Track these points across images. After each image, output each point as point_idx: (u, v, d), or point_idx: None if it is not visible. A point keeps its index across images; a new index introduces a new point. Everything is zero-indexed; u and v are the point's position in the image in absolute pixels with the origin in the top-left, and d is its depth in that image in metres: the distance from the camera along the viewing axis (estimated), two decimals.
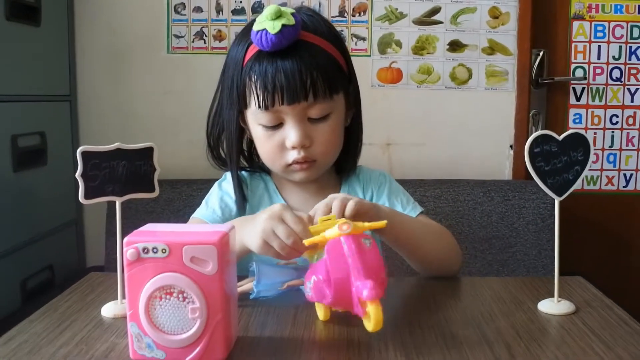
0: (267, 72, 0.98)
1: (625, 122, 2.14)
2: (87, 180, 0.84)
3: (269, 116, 1.01)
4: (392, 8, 2.04)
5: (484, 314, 0.88)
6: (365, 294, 0.69)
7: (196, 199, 1.74)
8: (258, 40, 0.96)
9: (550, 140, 0.86)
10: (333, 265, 0.74)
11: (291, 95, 0.98)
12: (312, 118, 1.02)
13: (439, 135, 2.09)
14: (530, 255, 1.87)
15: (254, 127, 1.05)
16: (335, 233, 0.75)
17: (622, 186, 2.16)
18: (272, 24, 0.94)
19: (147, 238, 0.70)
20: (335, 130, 1.06)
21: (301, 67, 0.97)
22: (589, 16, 2.10)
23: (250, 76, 1.00)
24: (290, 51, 0.97)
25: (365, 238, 0.75)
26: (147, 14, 2.05)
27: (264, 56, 0.98)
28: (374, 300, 0.70)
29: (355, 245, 0.73)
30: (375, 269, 0.73)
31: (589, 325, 0.84)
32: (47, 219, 1.86)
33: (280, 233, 0.83)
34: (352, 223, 0.75)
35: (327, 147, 1.05)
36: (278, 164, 1.06)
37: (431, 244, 1.06)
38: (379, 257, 0.75)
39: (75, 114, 2.05)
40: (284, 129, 1.02)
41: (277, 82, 0.97)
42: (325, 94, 1.00)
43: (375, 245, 0.76)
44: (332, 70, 1.02)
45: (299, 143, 1.01)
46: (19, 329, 0.83)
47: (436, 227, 1.10)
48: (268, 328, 0.83)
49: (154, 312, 0.71)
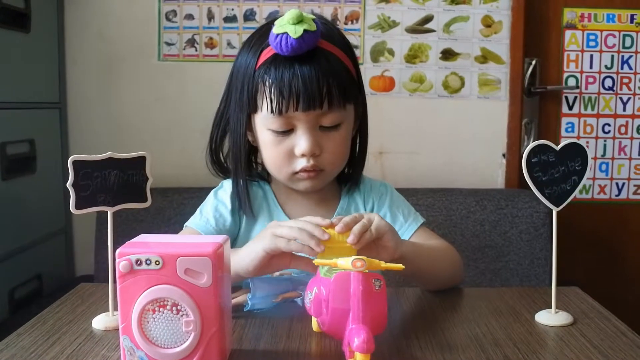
0: (284, 76, 0.96)
1: (617, 131, 2.14)
2: (79, 190, 0.83)
3: (280, 121, 0.99)
4: (384, 16, 2.04)
5: (481, 326, 0.87)
6: (356, 344, 0.67)
7: (187, 207, 1.72)
8: (277, 44, 0.95)
9: (548, 150, 0.86)
10: (335, 295, 0.72)
11: (307, 102, 0.96)
12: (323, 126, 1.01)
13: (431, 143, 2.09)
14: (523, 264, 1.86)
15: (262, 132, 1.03)
16: (347, 266, 0.71)
17: (615, 195, 2.16)
18: (294, 29, 0.93)
19: (140, 249, 0.69)
20: (345, 141, 1.05)
21: (319, 74, 0.96)
22: (581, 25, 2.10)
23: (264, 80, 0.98)
24: (307, 57, 0.96)
25: (376, 279, 0.72)
26: (138, 21, 2.03)
27: (280, 60, 0.97)
28: (364, 353, 0.67)
29: (364, 287, 0.70)
30: (377, 315, 0.71)
31: (588, 337, 0.83)
32: (35, 227, 1.83)
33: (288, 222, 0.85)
34: (368, 261, 0.71)
35: (336, 156, 1.05)
36: (285, 171, 1.04)
37: (441, 269, 1.05)
38: (384, 303, 0.72)
39: (65, 121, 2.02)
40: (294, 135, 1.01)
41: (294, 87, 0.96)
42: (340, 103, 0.99)
43: (384, 289, 0.73)
44: (346, 80, 1.01)
45: (310, 151, 1.00)
46: (6, 342, 0.81)
47: (443, 247, 1.09)
48: (263, 340, 0.82)
49: (147, 325, 0.69)
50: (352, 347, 0.68)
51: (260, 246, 0.85)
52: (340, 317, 0.72)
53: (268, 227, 0.87)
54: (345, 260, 0.72)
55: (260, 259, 0.85)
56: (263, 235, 0.86)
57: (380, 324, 0.72)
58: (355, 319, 0.69)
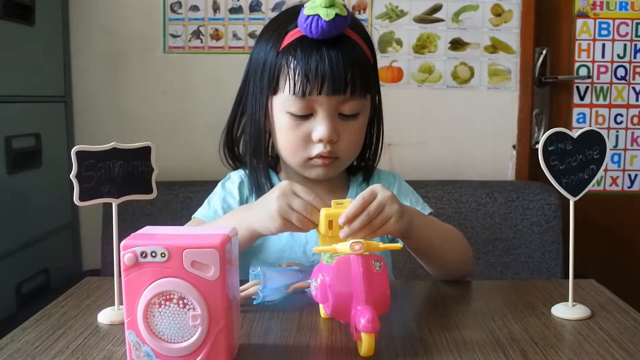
0: (311, 59, 0.96)
1: (630, 121, 2.11)
2: (82, 182, 0.81)
3: (301, 104, 0.98)
4: (392, 6, 2.01)
5: (496, 319, 0.85)
6: (362, 323, 0.68)
7: (194, 200, 1.71)
8: (307, 26, 0.94)
9: (565, 138, 0.83)
10: (337, 280, 0.72)
11: (332, 86, 0.96)
12: (342, 114, 1.01)
13: (440, 135, 2.06)
14: (535, 257, 1.84)
15: (280, 115, 1.02)
16: (346, 250, 0.73)
17: (627, 186, 2.13)
18: (326, 12, 0.93)
19: (145, 241, 0.67)
20: (362, 130, 1.06)
21: (345, 60, 0.96)
22: (593, 14, 2.07)
23: (288, 61, 0.98)
24: (334, 42, 0.96)
25: (376, 260, 0.73)
26: (142, 13, 2.01)
27: (307, 43, 0.97)
28: (369, 332, 0.69)
29: (364, 269, 0.71)
30: (380, 294, 0.72)
31: (607, 330, 0.81)
32: (42, 221, 1.82)
33: (297, 206, 0.84)
34: (366, 243, 0.73)
35: (351, 145, 1.05)
36: (299, 156, 1.03)
37: (452, 249, 1.03)
38: (386, 282, 0.73)
39: (71, 115, 2.01)
40: (313, 120, 1.00)
41: (320, 70, 0.95)
42: (362, 91, 1.00)
43: (385, 268, 0.74)
44: (368, 70, 1.02)
45: (328, 137, 0.99)
46: (11, 337, 0.79)
47: (451, 229, 1.08)
48: (272, 334, 0.80)
49: (153, 319, 0.67)
50: (358, 327, 0.69)
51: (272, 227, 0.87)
52: (345, 300, 0.72)
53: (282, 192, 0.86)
54: (343, 245, 0.73)
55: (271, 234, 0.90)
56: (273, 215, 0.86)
57: (384, 304, 0.73)
58: (359, 301, 0.70)
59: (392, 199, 0.86)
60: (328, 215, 0.82)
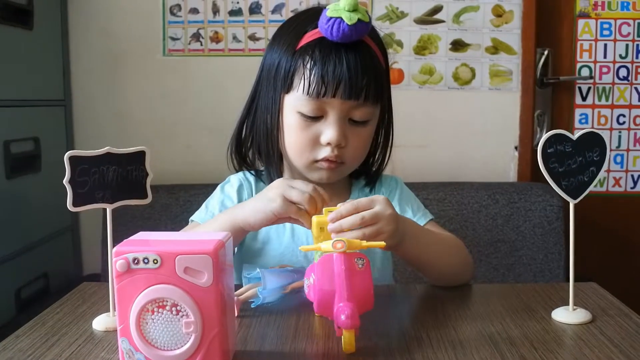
0: (329, 61, 0.95)
1: (632, 122, 2.09)
2: (76, 187, 0.80)
3: (313, 105, 0.98)
4: (392, 7, 2.00)
5: (496, 323, 0.83)
6: (342, 319, 0.69)
7: (194, 204, 1.70)
8: (328, 27, 0.94)
9: (564, 140, 0.82)
10: (322, 277, 0.74)
11: (347, 91, 0.96)
12: (352, 120, 1.00)
13: (441, 137, 2.05)
14: (537, 259, 1.83)
15: (290, 114, 1.01)
16: (329, 249, 0.74)
17: (630, 187, 2.12)
18: (349, 15, 0.92)
19: (137, 248, 0.66)
20: (369, 139, 1.06)
21: (363, 66, 0.96)
22: (594, 14, 2.05)
23: (305, 60, 0.97)
24: (353, 47, 0.96)
25: (359, 258, 0.75)
26: (142, 16, 2.01)
27: (326, 44, 0.96)
28: (348, 329, 0.70)
29: (346, 266, 0.73)
30: (362, 292, 0.73)
31: (607, 335, 0.79)
32: (41, 226, 1.82)
33: (298, 185, 0.89)
34: (348, 242, 0.74)
35: (358, 152, 1.04)
36: (306, 157, 1.02)
37: (446, 261, 1.02)
38: (369, 280, 0.74)
39: (70, 118, 2.00)
40: (323, 123, 0.99)
41: (337, 73, 0.95)
42: (375, 99, 0.99)
43: (368, 266, 0.75)
44: (383, 78, 1.02)
45: (337, 141, 0.98)
46: (4, 344, 0.78)
47: (450, 240, 1.06)
48: (268, 341, 0.79)
49: (146, 326, 0.67)
50: (338, 323, 0.70)
51: (270, 209, 0.89)
52: (329, 297, 0.73)
53: (278, 188, 0.90)
54: (326, 243, 0.75)
55: (268, 220, 0.90)
56: (273, 197, 0.89)
57: (367, 301, 0.73)
58: (341, 298, 0.71)
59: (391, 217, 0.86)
60: (319, 222, 0.83)
